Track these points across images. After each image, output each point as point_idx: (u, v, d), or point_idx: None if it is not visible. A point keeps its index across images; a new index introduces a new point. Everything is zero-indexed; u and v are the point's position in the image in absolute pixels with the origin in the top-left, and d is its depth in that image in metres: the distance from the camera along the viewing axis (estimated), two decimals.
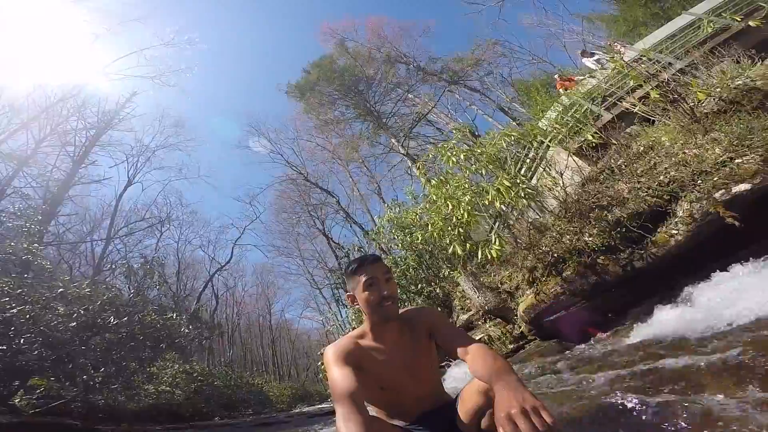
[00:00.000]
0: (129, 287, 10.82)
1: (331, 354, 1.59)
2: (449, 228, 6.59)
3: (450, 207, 6.44)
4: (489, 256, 5.95)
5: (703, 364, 2.18)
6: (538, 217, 6.55)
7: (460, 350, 1.50)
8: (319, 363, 15.43)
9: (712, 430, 1.53)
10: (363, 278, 1.65)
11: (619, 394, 2.21)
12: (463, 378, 5.76)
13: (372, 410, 1.81)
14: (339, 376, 1.43)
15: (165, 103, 40.56)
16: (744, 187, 3.45)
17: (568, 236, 5.18)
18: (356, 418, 1.22)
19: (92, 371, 7.10)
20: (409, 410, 1.73)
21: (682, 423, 1.65)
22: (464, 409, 1.54)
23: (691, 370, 2.17)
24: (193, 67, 22.89)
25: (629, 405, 2.00)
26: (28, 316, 6.21)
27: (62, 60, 20.41)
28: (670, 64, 6.94)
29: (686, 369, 2.22)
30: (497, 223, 7.63)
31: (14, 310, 6.13)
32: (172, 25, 24.50)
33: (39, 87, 17.99)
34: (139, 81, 20.66)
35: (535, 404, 1.02)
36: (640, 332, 3.56)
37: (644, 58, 7.19)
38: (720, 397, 1.78)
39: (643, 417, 1.83)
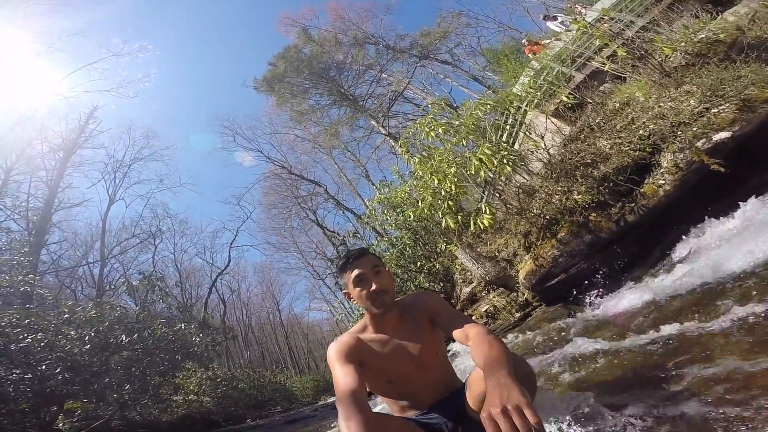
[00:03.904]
0: (135, 304, 10.86)
1: (333, 352, 1.57)
2: (439, 201, 6.57)
3: (437, 181, 6.41)
4: (481, 226, 5.99)
5: (712, 324, 2.20)
6: (525, 180, 6.66)
7: (459, 334, 1.51)
8: None
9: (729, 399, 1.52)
10: (352, 275, 1.64)
11: (625, 361, 2.31)
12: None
13: (384, 403, 1.86)
14: (340, 375, 1.43)
15: (131, 116, 39.63)
16: (724, 135, 3.61)
17: (557, 196, 5.24)
18: (357, 417, 1.21)
19: (119, 389, 7.25)
20: (420, 400, 1.72)
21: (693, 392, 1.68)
22: (472, 395, 1.53)
23: (699, 332, 2.20)
24: (150, 75, 22.43)
25: (637, 372, 2.10)
26: (43, 344, 6.33)
27: (7, 84, 19.77)
28: (632, 22, 7.05)
29: (693, 332, 2.25)
30: (486, 191, 7.71)
31: (28, 340, 6.23)
32: (120, 36, 23.93)
33: None
34: (96, 96, 20.23)
35: (519, 403, 0.97)
36: (643, 291, 3.62)
37: (606, 18, 7.28)
38: (733, 360, 1.76)
39: (652, 385, 1.90)
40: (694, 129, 3.83)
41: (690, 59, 4.70)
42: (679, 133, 3.99)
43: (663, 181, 4.10)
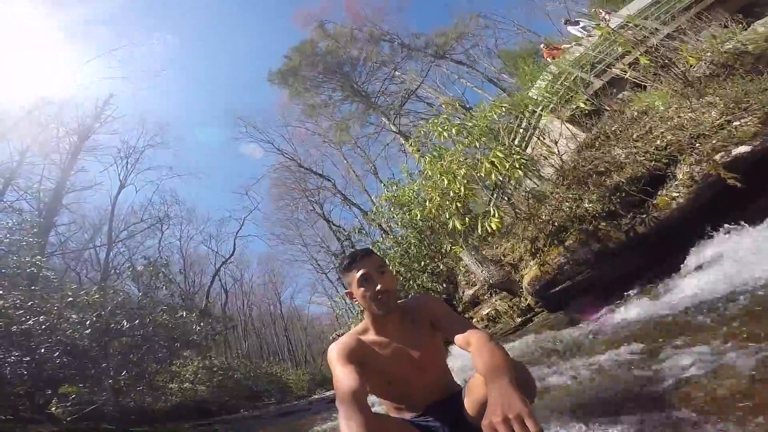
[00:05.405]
0: (138, 289, 10.92)
1: (334, 353, 1.57)
2: (447, 202, 6.52)
3: (446, 181, 6.37)
4: (489, 229, 5.91)
5: (715, 341, 2.15)
6: (536, 185, 6.57)
7: (461, 340, 1.50)
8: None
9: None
10: (357, 274, 1.62)
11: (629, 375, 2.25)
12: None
13: (382, 404, 1.85)
14: (341, 376, 1.43)
15: (146, 103, 40.03)
16: (744, 149, 3.48)
17: (567, 203, 5.19)
18: (358, 417, 1.22)
19: (116, 375, 7.27)
20: (417, 402, 1.71)
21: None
22: (471, 400, 1.52)
23: (702, 347, 2.14)
24: (167, 65, 22.74)
25: (634, 386, 2.06)
26: (44, 327, 6.35)
27: (28, 69, 20.06)
28: (656, 29, 6.89)
29: (696, 347, 2.19)
30: (495, 194, 7.63)
31: (30, 322, 6.25)
32: (141, 26, 24.19)
33: (10, 99, 17.80)
34: (114, 83, 20.58)
35: (520, 412, 0.98)
36: (647, 304, 3.56)
37: (630, 25, 7.12)
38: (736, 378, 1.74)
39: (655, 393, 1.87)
40: (714, 141, 3.71)
41: (715, 70, 4.56)
42: (697, 145, 3.87)
43: (677, 194, 4.01)
